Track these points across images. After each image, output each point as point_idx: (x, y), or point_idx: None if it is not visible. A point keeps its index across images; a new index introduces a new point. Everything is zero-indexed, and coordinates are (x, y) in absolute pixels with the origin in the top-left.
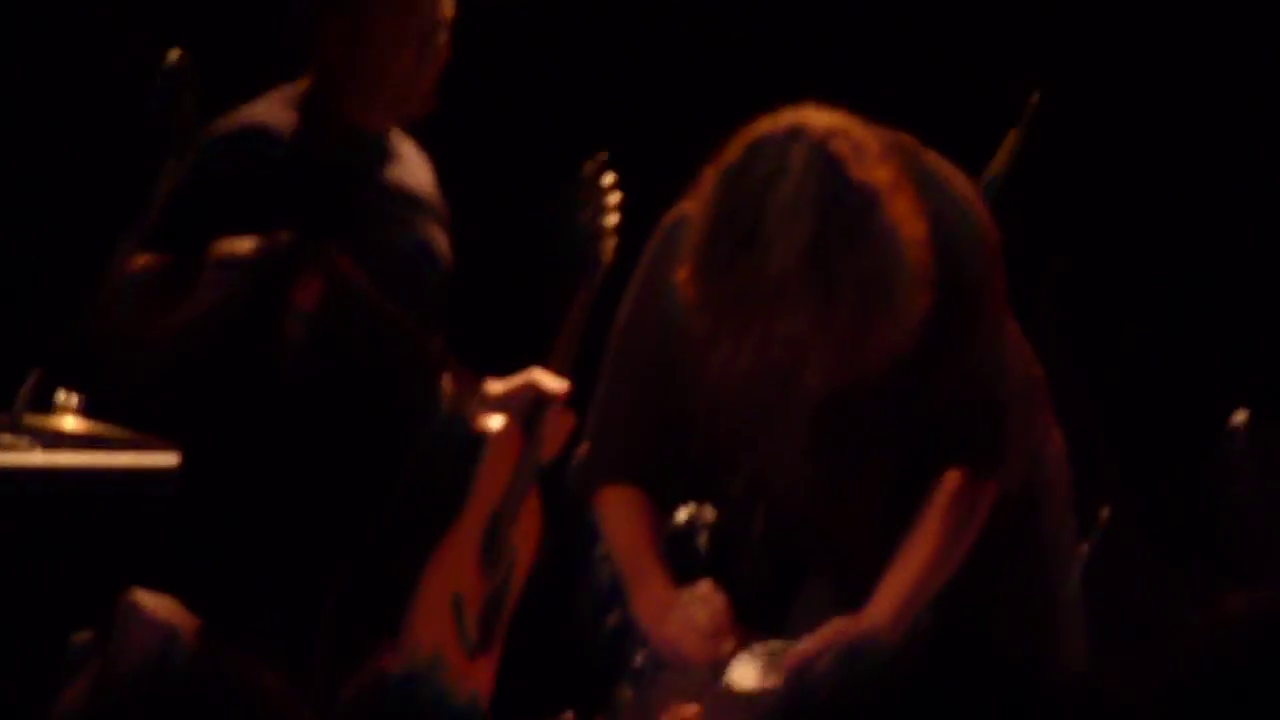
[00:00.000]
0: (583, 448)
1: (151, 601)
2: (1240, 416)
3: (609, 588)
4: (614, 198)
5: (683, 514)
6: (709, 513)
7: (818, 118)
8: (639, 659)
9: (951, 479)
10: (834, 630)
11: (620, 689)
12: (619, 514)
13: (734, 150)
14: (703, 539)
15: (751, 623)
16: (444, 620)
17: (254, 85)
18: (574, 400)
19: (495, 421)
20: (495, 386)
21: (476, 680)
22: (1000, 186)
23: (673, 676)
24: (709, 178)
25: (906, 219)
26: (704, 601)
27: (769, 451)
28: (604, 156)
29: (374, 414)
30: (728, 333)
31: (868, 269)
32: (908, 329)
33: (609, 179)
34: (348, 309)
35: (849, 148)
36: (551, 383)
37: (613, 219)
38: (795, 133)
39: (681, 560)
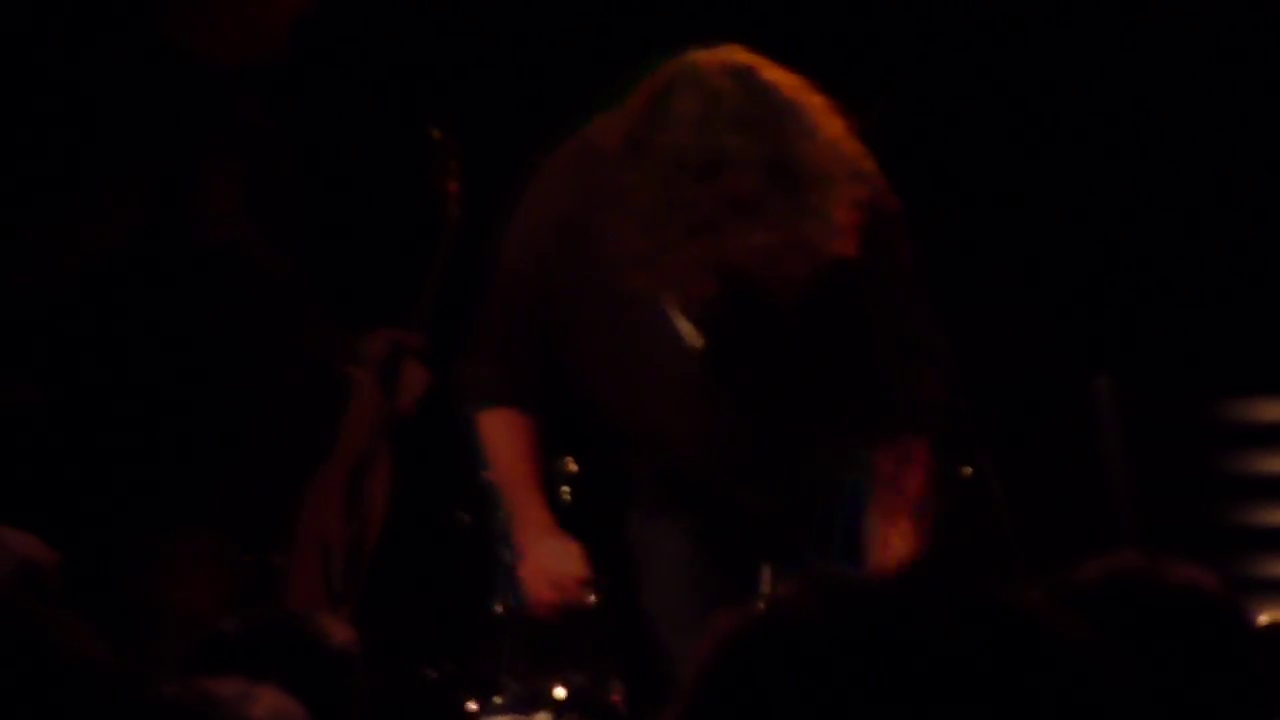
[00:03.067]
0: (464, 368)
1: (8, 535)
2: (1103, 381)
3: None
4: (459, 160)
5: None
6: (570, 464)
7: (724, 52)
8: None
9: (917, 446)
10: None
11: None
12: (502, 438)
13: (656, 86)
14: (564, 490)
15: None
16: (314, 566)
17: None
18: (430, 354)
19: (358, 373)
20: (357, 339)
21: (344, 628)
22: None
23: None
24: (634, 114)
25: (829, 117)
26: (564, 556)
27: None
28: (451, 118)
29: (241, 360)
30: (694, 254)
31: (819, 168)
32: (852, 224)
33: (455, 142)
34: (217, 254)
35: (764, 69)
36: (408, 336)
37: (458, 181)
38: (720, 66)
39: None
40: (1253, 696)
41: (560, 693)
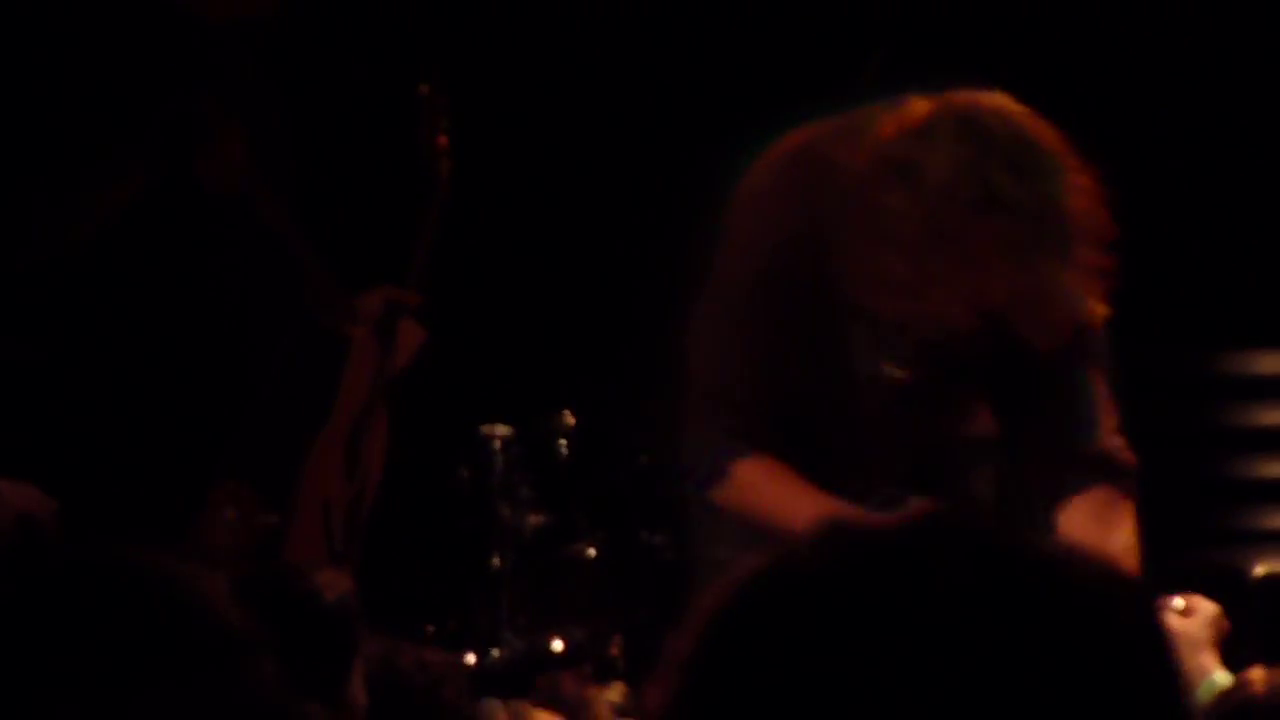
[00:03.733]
0: (696, 431)
1: (6, 487)
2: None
3: None
4: (448, 114)
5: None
6: (569, 418)
7: (991, 96)
8: None
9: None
10: None
11: None
12: (767, 484)
13: (918, 115)
14: (562, 444)
15: None
16: (316, 524)
17: None
18: (424, 311)
19: (356, 331)
20: (354, 298)
21: (342, 584)
22: None
23: None
24: (889, 138)
25: (1088, 179)
26: None
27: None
28: (439, 73)
29: (247, 316)
30: (961, 289)
31: (1083, 225)
32: (1107, 286)
33: (443, 97)
34: (224, 208)
35: (1032, 118)
36: (403, 294)
37: (446, 138)
38: (992, 109)
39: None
40: None
41: (558, 646)
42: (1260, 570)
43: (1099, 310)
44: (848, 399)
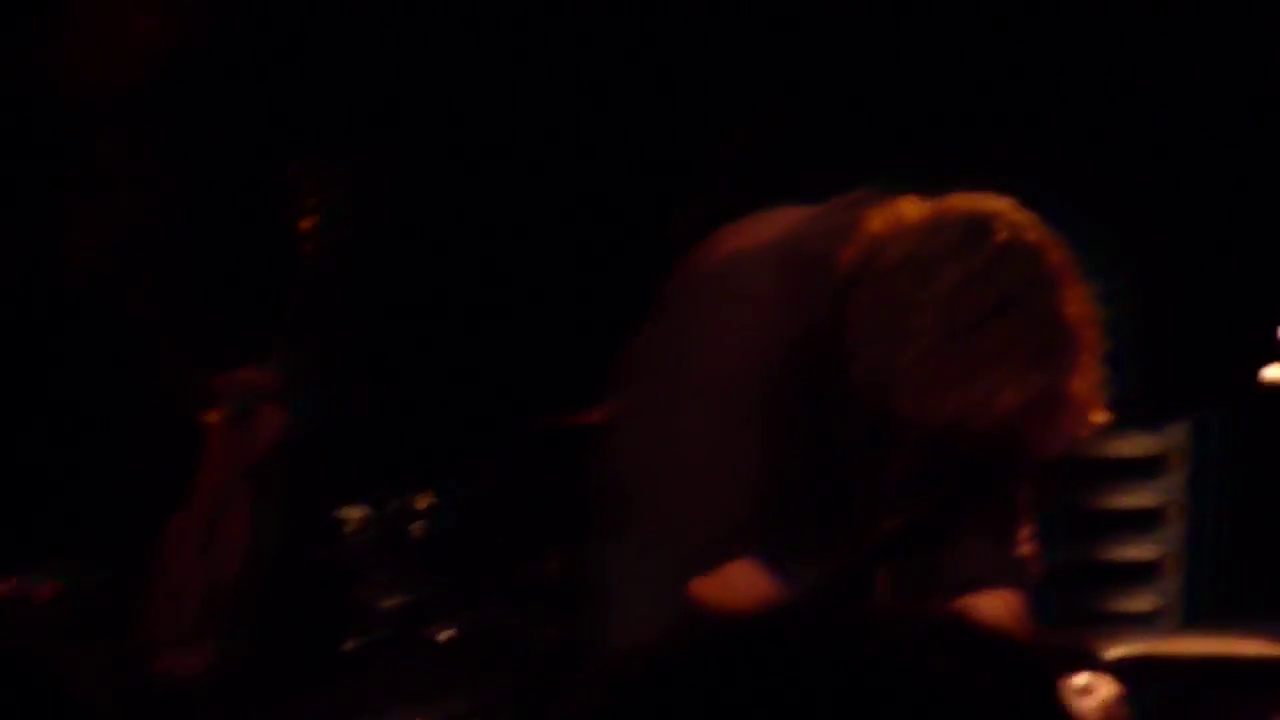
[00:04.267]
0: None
1: None
2: None
3: None
4: (320, 197)
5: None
6: (422, 500)
7: (990, 200)
8: None
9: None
10: None
11: None
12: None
13: (920, 217)
14: (416, 526)
15: None
16: (170, 607)
17: None
18: (288, 394)
19: (214, 416)
20: (211, 382)
21: (189, 666)
22: None
23: None
24: (890, 239)
25: (1088, 291)
26: None
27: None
28: (316, 155)
29: (95, 406)
30: (974, 392)
31: (1087, 338)
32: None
33: (314, 176)
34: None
35: (1033, 224)
36: (263, 377)
37: (314, 218)
38: (996, 214)
39: (395, 546)
40: None
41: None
42: (1115, 652)
43: (1101, 421)
44: (834, 495)
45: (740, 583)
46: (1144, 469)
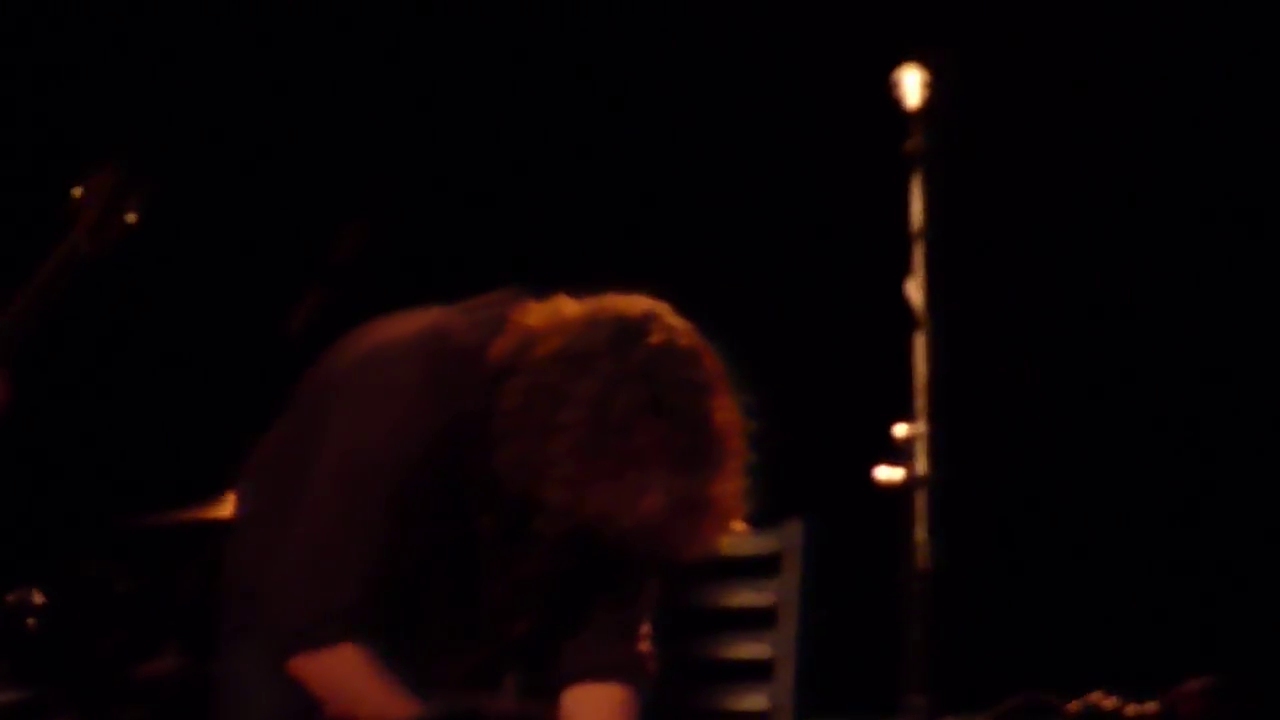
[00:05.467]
0: (294, 598)
1: None
2: None
3: None
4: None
5: (11, 596)
6: (38, 596)
7: (638, 301)
8: None
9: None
10: None
11: None
12: (360, 677)
13: (569, 316)
14: (31, 621)
15: None
16: None
17: None
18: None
19: None
20: None
21: None
22: None
23: None
24: (539, 337)
25: (733, 393)
26: None
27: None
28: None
29: None
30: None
31: (733, 444)
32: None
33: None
34: None
35: (686, 330)
36: None
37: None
38: (644, 315)
39: (10, 640)
40: None
41: None
42: None
43: (739, 529)
44: (465, 589)
45: (336, 671)
46: (759, 568)
